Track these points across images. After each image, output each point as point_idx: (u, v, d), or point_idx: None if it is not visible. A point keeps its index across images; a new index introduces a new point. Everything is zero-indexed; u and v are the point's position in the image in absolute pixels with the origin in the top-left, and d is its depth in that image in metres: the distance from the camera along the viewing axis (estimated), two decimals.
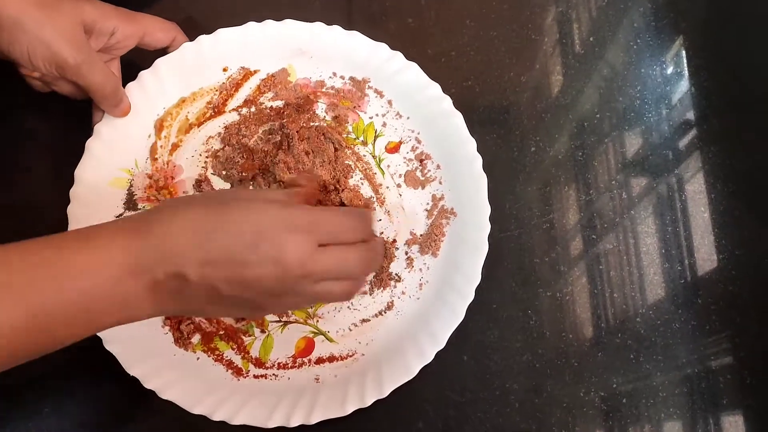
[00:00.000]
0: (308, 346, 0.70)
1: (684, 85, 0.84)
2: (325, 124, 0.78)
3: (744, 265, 0.77)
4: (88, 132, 0.73)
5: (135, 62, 0.77)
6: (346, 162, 0.77)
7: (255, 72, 0.80)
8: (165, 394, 0.64)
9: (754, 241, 0.78)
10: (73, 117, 0.76)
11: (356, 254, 0.56)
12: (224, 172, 0.76)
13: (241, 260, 0.51)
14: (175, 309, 0.56)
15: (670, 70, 0.85)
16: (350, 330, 0.71)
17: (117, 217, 0.73)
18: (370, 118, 0.79)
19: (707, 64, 0.85)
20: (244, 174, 0.75)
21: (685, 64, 0.85)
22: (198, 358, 0.69)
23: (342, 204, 0.74)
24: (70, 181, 0.71)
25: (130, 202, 0.74)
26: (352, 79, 0.80)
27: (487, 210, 0.72)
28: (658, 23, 0.87)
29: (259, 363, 0.69)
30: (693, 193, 0.79)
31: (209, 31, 0.78)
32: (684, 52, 0.86)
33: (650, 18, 0.87)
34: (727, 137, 0.82)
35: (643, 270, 0.76)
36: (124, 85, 0.74)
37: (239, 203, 0.54)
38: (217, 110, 0.78)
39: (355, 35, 0.78)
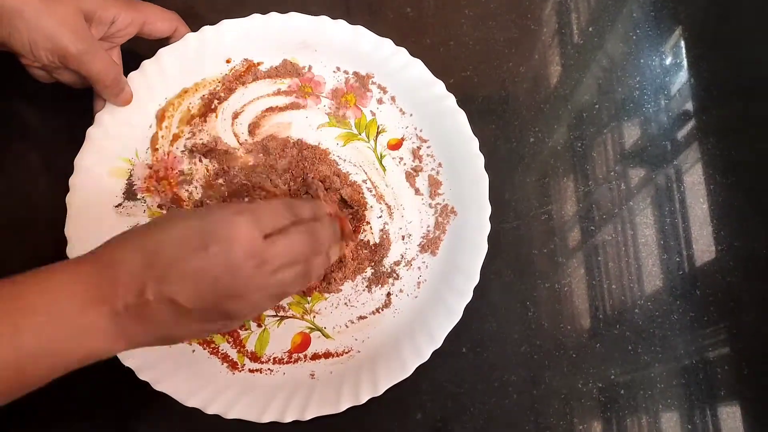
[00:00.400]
0: (304, 342, 0.67)
1: (683, 76, 0.80)
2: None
3: (742, 256, 0.73)
4: (88, 120, 0.69)
5: (138, 52, 0.73)
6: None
7: (258, 64, 0.75)
8: (159, 386, 0.62)
9: (752, 233, 0.74)
10: (73, 105, 0.71)
11: (301, 235, 0.54)
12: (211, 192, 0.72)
13: (194, 267, 0.48)
14: (146, 336, 0.51)
15: (669, 61, 0.80)
16: (347, 327, 0.67)
17: (117, 207, 0.69)
18: (373, 113, 0.74)
19: (706, 55, 0.81)
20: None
21: (684, 55, 0.81)
22: (193, 351, 0.66)
23: (342, 200, 0.70)
24: (70, 170, 0.67)
25: (130, 192, 0.70)
26: (355, 74, 0.75)
27: (487, 210, 0.68)
28: (657, 13, 0.82)
29: (254, 357, 0.66)
30: (691, 185, 0.75)
31: (213, 23, 0.73)
32: (683, 42, 0.81)
33: (649, 8, 0.82)
34: (726, 128, 0.78)
35: (641, 261, 0.73)
36: (126, 75, 0.70)
37: (181, 216, 0.52)
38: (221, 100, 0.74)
39: (360, 30, 0.74)
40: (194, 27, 0.72)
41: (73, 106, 0.71)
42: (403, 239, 0.70)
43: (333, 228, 0.61)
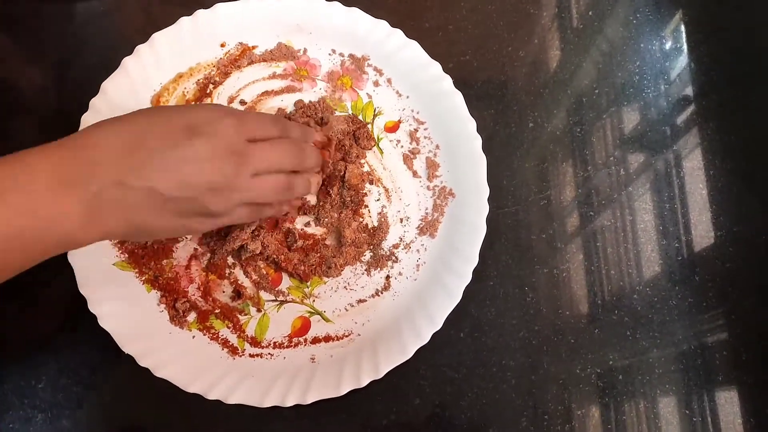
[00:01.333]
0: (304, 326, 0.68)
1: (683, 60, 0.81)
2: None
3: (741, 242, 0.74)
4: (83, 108, 0.69)
5: (131, 37, 0.73)
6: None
7: (253, 48, 0.76)
8: (160, 372, 0.62)
9: (752, 218, 0.75)
10: (68, 91, 0.73)
11: (285, 146, 0.57)
12: None
13: (178, 157, 0.50)
14: (117, 225, 0.50)
15: (669, 45, 0.81)
16: (346, 310, 0.68)
17: None
18: (369, 96, 0.75)
19: (707, 39, 0.82)
20: None
21: (685, 39, 0.82)
22: (193, 337, 0.66)
23: (342, 179, 0.71)
24: None
25: None
26: (351, 56, 0.76)
27: (486, 191, 0.69)
28: None
29: (254, 342, 0.67)
30: (691, 170, 0.76)
31: (207, 6, 0.74)
32: (683, 26, 0.82)
33: None
34: (726, 113, 0.79)
35: (640, 247, 0.74)
36: (120, 60, 0.70)
37: (166, 108, 0.53)
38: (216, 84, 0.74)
39: (355, 12, 0.75)
40: (188, 11, 0.73)
41: (66, 91, 0.72)
42: (401, 222, 0.71)
43: (318, 155, 0.63)
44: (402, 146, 0.73)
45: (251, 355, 0.66)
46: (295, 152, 0.58)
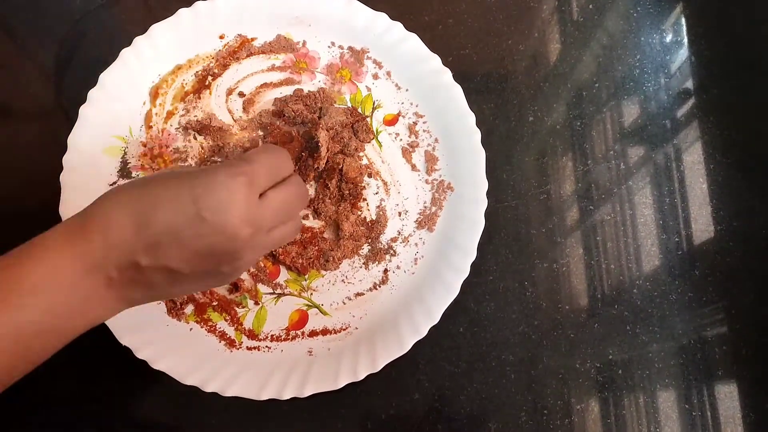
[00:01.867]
0: (302, 319, 0.68)
1: (683, 54, 0.81)
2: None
3: (742, 236, 0.74)
4: (81, 99, 0.70)
5: (131, 29, 0.73)
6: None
7: (252, 40, 0.76)
8: (157, 365, 0.63)
9: (752, 213, 0.75)
10: (65, 83, 0.73)
11: (294, 190, 0.55)
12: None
13: (189, 234, 0.48)
14: (143, 297, 0.51)
15: (669, 39, 0.81)
16: (344, 303, 0.69)
17: (111, 185, 0.69)
18: (368, 89, 0.75)
19: (707, 32, 0.81)
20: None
21: (685, 33, 0.82)
22: (191, 329, 0.67)
23: (341, 172, 0.71)
24: (63, 148, 0.68)
25: (124, 170, 0.70)
26: (350, 49, 0.76)
27: (484, 185, 0.69)
28: None
29: (252, 335, 0.67)
30: (691, 164, 0.76)
31: None
32: (684, 20, 0.82)
33: None
34: (727, 107, 0.79)
35: (639, 241, 0.74)
36: (118, 52, 0.70)
37: (175, 177, 0.50)
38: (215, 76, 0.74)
39: (354, 4, 0.75)
40: (187, 3, 0.73)
41: (65, 83, 0.72)
42: (399, 215, 0.71)
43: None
44: (401, 139, 0.73)
45: (248, 348, 0.66)
46: (302, 192, 0.56)
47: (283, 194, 0.53)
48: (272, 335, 0.67)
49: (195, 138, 0.72)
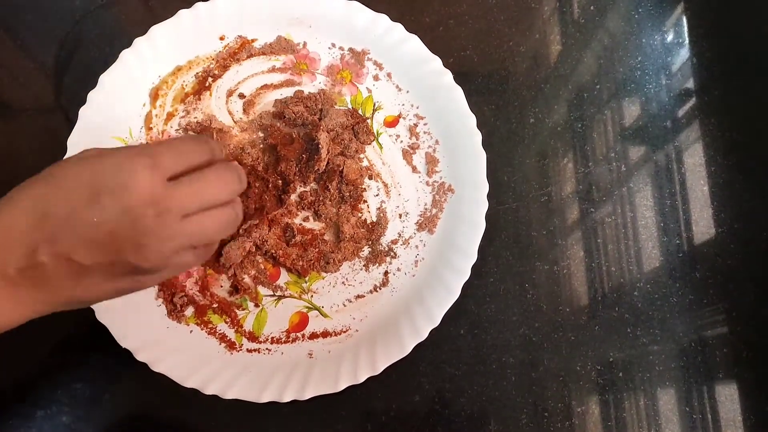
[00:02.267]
0: (302, 321, 0.68)
1: (685, 55, 0.80)
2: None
3: (743, 238, 0.74)
4: (81, 100, 0.69)
5: (131, 30, 0.73)
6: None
7: (252, 41, 0.76)
8: (157, 367, 0.63)
9: (753, 215, 0.75)
10: (65, 84, 0.73)
11: (213, 173, 0.49)
12: None
13: (86, 220, 0.44)
14: (45, 302, 0.47)
15: (670, 39, 0.81)
16: (344, 305, 0.69)
17: None
18: (369, 90, 0.75)
19: (709, 33, 0.81)
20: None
21: (686, 33, 0.81)
22: (191, 331, 0.67)
23: (341, 174, 0.71)
24: (63, 149, 0.67)
25: None
26: (351, 50, 0.76)
27: (485, 187, 0.69)
28: None
29: (252, 337, 0.67)
30: (692, 166, 0.76)
31: None
32: (685, 20, 0.82)
33: None
34: (728, 108, 0.78)
35: (640, 243, 0.74)
36: (118, 54, 0.70)
37: (73, 163, 0.47)
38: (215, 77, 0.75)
39: (355, 5, 0.75)
40: (187, 4, 0.73)
41: (65, 84, 0.72)
42: (400, 218, 0.71)
43: (243, 173, 0.54)
44: (401, 141, 0.73)
45: (249, 350, 0.66)
46: (227, 178, 0.51)
47: (198, 177, 0.48)
48: (272, 337, 0.67)
49: None
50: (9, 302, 0.46)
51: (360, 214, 0.71)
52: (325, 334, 0.67)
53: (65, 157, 0.49)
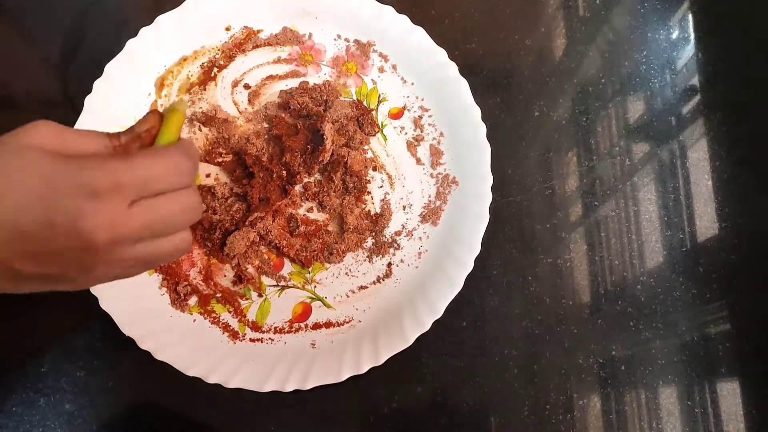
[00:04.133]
0: (305, 312, 0.68)
1: (690, 50, 0.80)
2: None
3: (746, 234, 0.74)
4: (87, 89, 0.69)
5: (137, 19, 0.73)
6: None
7: (258, 32, 0.75)
8: (160, 356, 0.63)
9: (757, 210, 0.75)
10: (70, 74, 0.73)
11: (170, 203, 0.45)
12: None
13: (34, 236, 0.41)
14: None
15: (676, 35, 0.81)
16: (347, 296, 0.69)
17: None
18: (374, 82, 0.75)
19: (714, 29, 0.81)
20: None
21: (692, 29, 0.81)
22: (194, 321, 0.67)
23: (345, 165, 0.70)
24: None
25: None
26: (356, 41, 0.75)
27: (489, 180, 0.69)
28: None
29: (255, 327, 0.67)
30: (696, 161, 0.76)
31: None
32: (690, 16, 0.82)
33: None
34: (733, 104, 0.78)
35: (644, 237, 0.73)
36: (124, 43, 0.70)
37: (28, 158, 0.42)
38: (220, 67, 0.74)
39: None
40: None
41: (70, 74, 0.72)
42: (404, 209, 0.71)
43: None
44: (406, 133, 0.73)
45: (252, 340, 0.66)
46: (186, 206, 0.47)
47: (156, 204, 0.44)
48: (276, 327, 0.67)
49: (200, 129, 0.72)
50: None
51: (364, 206, 0.70)
52: (328, 324, 0.67)
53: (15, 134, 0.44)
